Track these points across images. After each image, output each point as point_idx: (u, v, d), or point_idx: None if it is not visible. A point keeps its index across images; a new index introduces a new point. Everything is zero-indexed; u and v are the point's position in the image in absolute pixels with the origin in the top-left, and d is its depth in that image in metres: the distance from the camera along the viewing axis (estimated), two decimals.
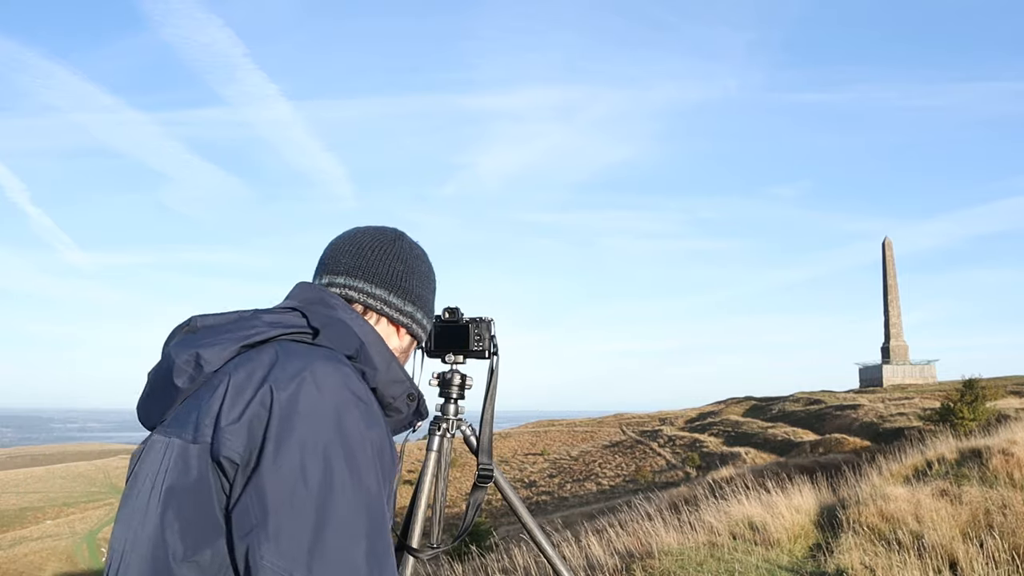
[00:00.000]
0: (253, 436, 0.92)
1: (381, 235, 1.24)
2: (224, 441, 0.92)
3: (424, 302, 1.27)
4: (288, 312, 1.09)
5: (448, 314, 1.82)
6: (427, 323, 1.29)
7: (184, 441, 0.96)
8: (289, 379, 0.95)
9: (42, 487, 74.25)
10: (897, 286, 71.28)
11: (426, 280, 1.27)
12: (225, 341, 1.02)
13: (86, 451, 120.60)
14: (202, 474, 0.93)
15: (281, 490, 0.88)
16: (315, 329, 1.06)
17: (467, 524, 1.80)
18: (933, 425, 25.83)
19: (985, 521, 5.90)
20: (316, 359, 0.99)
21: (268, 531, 0.87)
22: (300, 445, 0.90)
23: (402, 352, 1.26)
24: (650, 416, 71.97)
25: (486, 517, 23.90)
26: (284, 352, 1.00)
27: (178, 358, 1.01)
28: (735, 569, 5.03)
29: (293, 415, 0.92)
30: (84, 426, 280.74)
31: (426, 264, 1.28)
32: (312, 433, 0.91)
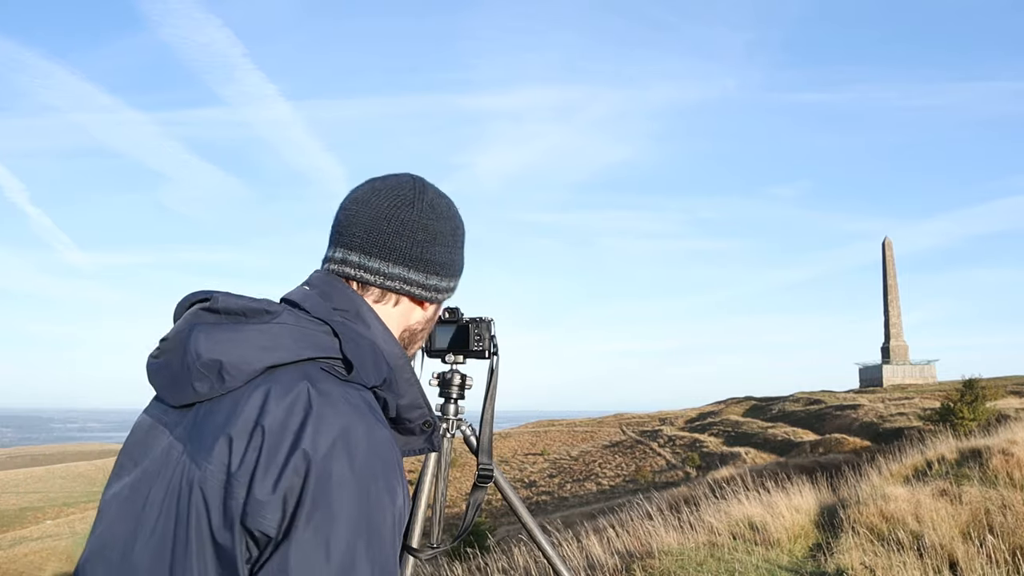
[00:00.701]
0: (286, 508, 0.88)
1: (398, 197, 1.10)
2: (258, 515, 0.88)
3: (450, 266, 1.16)
4: (319, 328, 1.00)
5: (448, 314, 1.82)
6: (454, 283, 1.19)
7: (202, 472, 0.91)
8: (327, 446, 0.90)
9: (42, 487, 74.25)
10: (897, 286, 71.32)
11: (451, 240, 1.15)
12: (251, 354, 0.94)
13: (86, 451, 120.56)
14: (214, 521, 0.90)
15: (304, 563, 0.87)
16: (348, 362, 0.98)
17: (467, 524, 1.80)
18: (933, 425, 25.82)
19: (985, 521, 5.90)
20: (352, 418, 0.93)
21: None
22: (328, 520, 0.88)
23: (427, 322, 1.18)
24: (650, 416, 71.99)
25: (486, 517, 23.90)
26: (318, 399, 0.93)
27: (198, 358, 0.95)
28: (735, 569, 5.03)
29: (327, 490, 0.88)
30: (84, 426, 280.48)
31: (450, 222, 1.15)
32: (341, 509, 0.89)
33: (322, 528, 0.87)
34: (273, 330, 0.97)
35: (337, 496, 0.88)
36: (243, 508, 0.88)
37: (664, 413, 72.33)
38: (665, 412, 73.12)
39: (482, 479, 1.81)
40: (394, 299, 1.12)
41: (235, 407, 0.92)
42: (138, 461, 1.00)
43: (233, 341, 0.95)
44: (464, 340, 1.81)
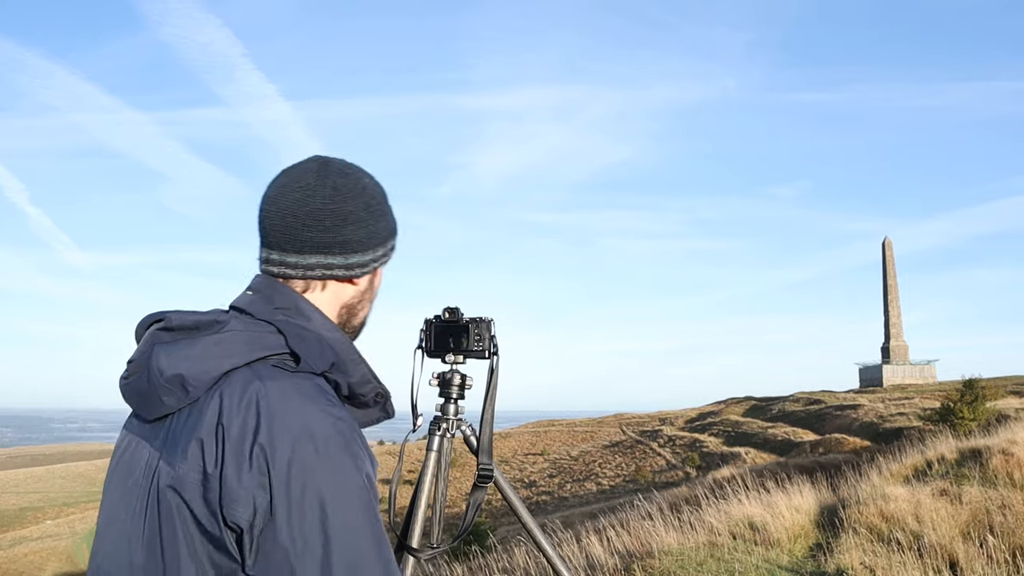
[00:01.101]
0: (257, 502, 0.95)
1: (301, 189, 1.15)
2: (232, 508, 0.95)
3: (368, 239, 1.19)
4: (265, 329, 1.07)
5: (448, 314, 1.82)
6: (381, 250, 1.22)
7: (177, 473, 0.99)
8: (283, 435, 0.97)
9: (42, 487, 74.25)
10: (897, 286, 71.32)
11: (364, 215, 1.18)
12: (208, 364, 1.02)
13: (86, 451, 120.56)
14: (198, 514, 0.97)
15: (285, 546, 0.94)
16: (295, 354, 1.05)
17: (467, 524, 1.80)
18: (933, 425, 25.85)
19: (985, 521, 5.90)
20: (304, 404, 1.00)
21: None
22: (301, 501, 0.95)
23: (363, 294, 1.23)
24: (650, 416, 71.99)
25: (486, 517, 23.91)
26: (270, 393, 1.00)
27: (161, 375, 1.03)
28: (735, 569, 5.03)
29: (292, 475, 0.95)
30: (84, 426, 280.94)
31: (359, 198, 1.18)
32: (309, 489, 0.95)
33: (295, 511, 0.94)
34: (225, 338, 1.05)
35: (303, 478, 0.95)
36: (219, 502, 0.96)
37: (664, 413, 72.34)
38: (665, 412, 73.12)
39: (482, 479, 1.81)
40: (321, 285, 1.18)
41: (200, 413, 1.01)
42: (125, 478, 1.08)
43: (190, 355, 1.03)
44: (464, 340, 1.81)
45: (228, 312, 1.13)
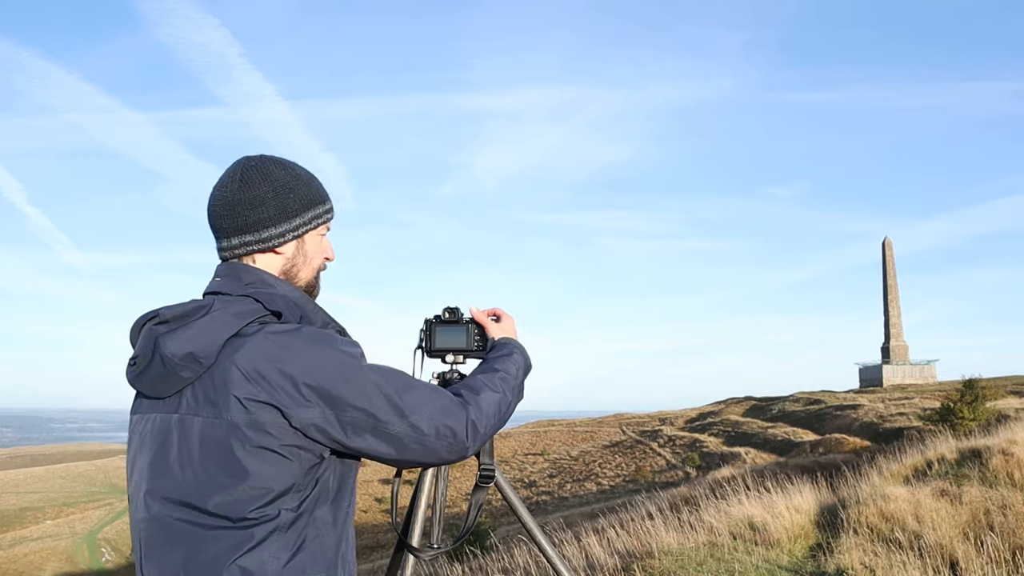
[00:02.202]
0: (316, 407, 1.28)
1: (222, 185, 1.46)
2: (299, 421, 1.28)
3: (279, 215, 1.45)
4: (244, 301, 1.36)
5: (448, 314, 1.81)
6: (297, 220, 1.47)
7: (222, 420, 1.27)
8: (299, 357, 1.28)
9: (42, 487, 74.25)
10: (897, 286, 71.33)
11: (272, 197, 1.45)
12: (211, 338, 1.29)
13: (86, 451, 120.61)
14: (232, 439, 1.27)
15: (359, 421, 1.31)
16: (275, 312, 1.35)
17: (469, 524, 1.80)
18: (933, 425, 25.84)
19: (985, 521, 5.90)
20: (298, 333, 1.31)
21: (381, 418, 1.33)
22: (340, 392, 1.28)
23: (292, 259, 1.48)
24: (650, 416, 71.99)
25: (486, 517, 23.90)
26: (273, 336, 1.30)
27: (175, 356, 1.29)
28: (735, 569, 5.04)
29: (324, 377, 1.28)
30: (84, 426, 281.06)
31: (265, 183, 1.45)
32: (338, 378, 1.29)
33: (341, 395, 1.28)
34: (215, 316, 1.32)
35: (330, 375, 1.28)
36: (285, 420, 1.27)
37: (664, 413, 72.34)
38: (665, 412, 73.13)
39: (484, 479, 1.81)
40: (251, 258, 1.46)
41: (225, 375, 1.28)
42: (152, 448, 1.34)
43: (192, 335, 1.30)
44: (464, 340, 1.81)
45: (206, 298, 1.40)
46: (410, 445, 1.33)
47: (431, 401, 1.36)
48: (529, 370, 1.66)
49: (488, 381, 1.50)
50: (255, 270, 1.45)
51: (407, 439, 1.33)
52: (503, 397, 1.49)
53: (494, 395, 1.47)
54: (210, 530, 1.25)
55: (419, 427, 1.33)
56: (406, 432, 1.32)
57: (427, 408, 1.34)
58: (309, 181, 1.52)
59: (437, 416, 1.35)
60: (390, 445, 1.33)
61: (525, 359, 1.65)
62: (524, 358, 1.65)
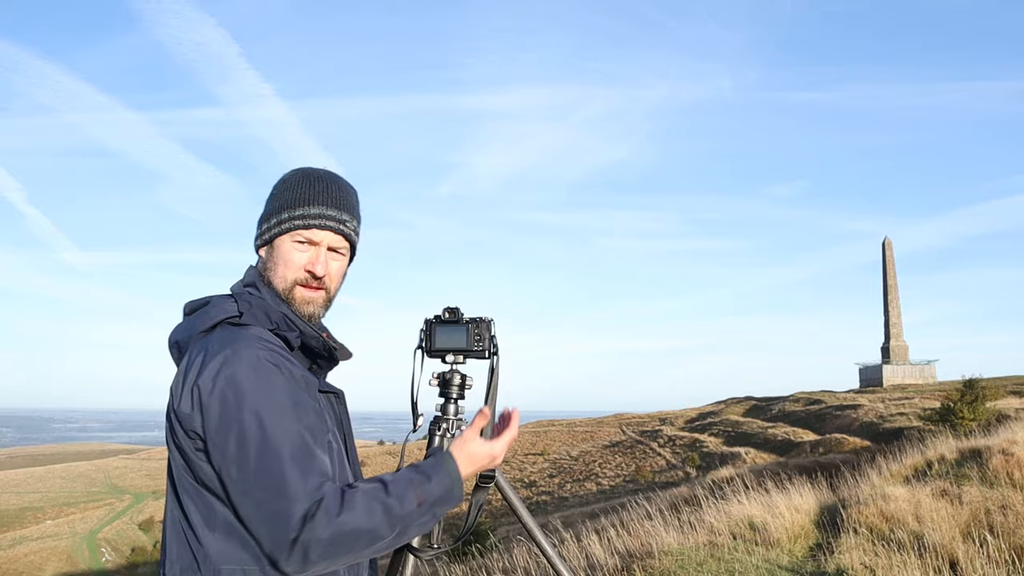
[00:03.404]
0: (202, 418, 1.33)
1: None
2: (189, 423, 1.34)
3: (262, 216, 1.58)
4: (228, 299, 1.48)
5: (448, 314, 1.81)
6: (266, 225, 1.56)
7: (169, 410, 1.39)
8: (213, 370, 1.33)
9: (42, 487, 74.21)
10: (897, 286, 71.25)
11: (268, 196, 1.59)
12: (188, 330, 1.46)
13: (86, 451, 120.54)
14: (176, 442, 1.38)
15: (225, 449, 1.30)
16: (240, 313, 1.44)
17: (469, 524, 1.80)
18: (933, 425, 25.82)
19: (985, 521, 5.90)
20: (234, 344, 1.36)
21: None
22: (229, 418, 1.30)
23: (264, 261, 1.57)
24: (650, 416, 71.93)
25: (486, 517, 23.89)
26: (214, 340, 1.40)
27: (170, 345, 1.50)
28: (735, 569, 5.03)
29: (220, 398, 1.31)
30: (84, 426, 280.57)
31: (273, 188, 1.60)
32: (233, 405, 1.30)
33: (223, 420, 1.29)
34: (202, 311, 1.47)
35: (227, 398, 1.30)
36: (179, 420, 1.34)
37: (664, 413, 72.28)
38: (665, 412, 73.06)
39: (484, 479, 1.80)
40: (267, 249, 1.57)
41: (182, 364, 1.42)
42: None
43: (183, 327, 1.50)
44: (464, 340, 1.80)
45: (219, 294, 1.53)
46: (237, 508, 1.29)
47: (281, 490, 1.23)
48: (448, 506, 1.39)
49: (368, 500, 1.26)
50: (253, 271, 1.57)
51: (236, 502, 1.29)
52: (369, 531, 1.25)
53: (361, 520, 1.24)
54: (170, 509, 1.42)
55: (251, 501, 1.26)
56: (237, 496, 1.29)
57: (272, 493, 1.24)
58: (299, 186, 1.54)
59: (275, 506, 1.23)
60: (227, 490, 1.31)
61: (446, 492, 1.38)
62: (445, 490, 1.37)
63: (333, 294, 1.58)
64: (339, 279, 1.59)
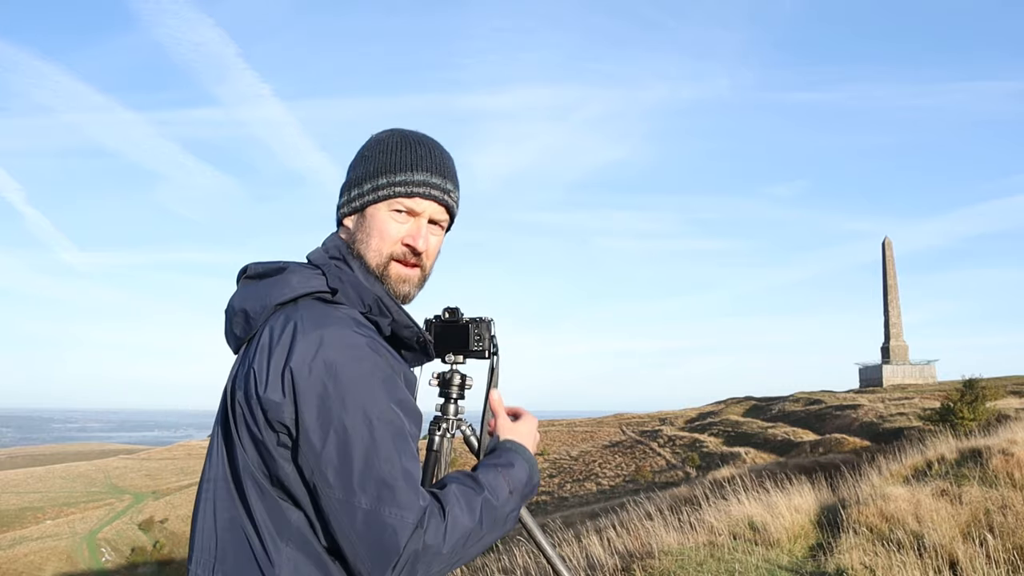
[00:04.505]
0: (293, 406, 1.15)
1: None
2: (277, 413, 1.15)
3: (351, 181, 1.39)
4: (314, 272, 1.29)
5: (448, 314, 1.81)
6: (357, 191, 1.38)
7: (241, 392, 1.20)
8: (309, 352, 1.15)
9: (42, 487, 74.20)
10: (897, 286, 71.27)
11: (355, 163, 1.40)
12: (263, 300, 1.25)
13: (86, 451, 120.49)
14: (254, 433, 1.19)
15: (313, 442, 1.13)
16: (333, 289, 1.26)
17: None
18: (933, 425, 25.79)
19: (985, 521, 5.90)
20: (330, 326, 1.18)
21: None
22: (326, 407, 1.13)
23: (353, 233, 1.37)
24: (650, 416, 71.93)
25: None
26: (306, 317, 1.20)
27: (233, 311, 1.30)
28: (735, 569, 5.04)
29: (314, 385, 1.14)
30: (84, 426, 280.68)
31: (361, 148, 1.41)
32: (330, 394, 1.14)
33: (322, 415, 1.13)
34: (279, 280, 1.27)
35: (327, 389, 1.13)
36: (262, 408, 1.15)
37: (664, 413, 72.28)
38: (665, 412, 73.06)
39: None
40: (341, 224, 1.41)
41: (258, 340, 1.22)
42: (219, 404, 1.31)
43: (252, 294, 1.28)
44: (464, 340, 1.80)
45: (296, 261, 1.34)
46: (333, 524, 1.11)
47: (392, 498, 1.08)
48: (531, 492, 1.30)
49: (465, 502, 1.16)
50: (340, 244, 1.36)
51: (330, 511, 1.11)
52: (476, 529, 1.15)
53: (465, 522, 1.14)
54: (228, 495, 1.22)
55: (352, 510, 1.09)
56: (332, 504, 1.10)
57: (381, 502, 1.08)
58: (399, 149, 1.35)
59: (384, 519, 1.07)
60: (316, 489, 1.13)
61: (529, 476, 1.30)
62: (528, 474, 1.30)
63: (428, 272, 1.41)
64: (436, 256, 1.42)
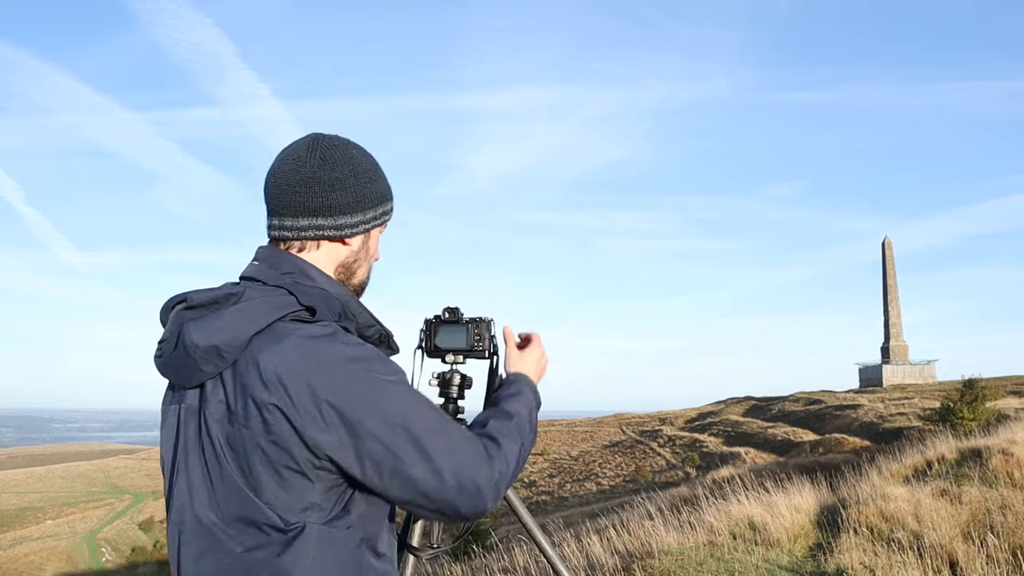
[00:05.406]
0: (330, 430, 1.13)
1: (295, 160, 1.31)
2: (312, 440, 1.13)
3: (357, 203, 1.34)
4: (277, 292, 1.24)
5: (448, 314, 1.81)
6: (371, 213, 1.37)
7: (238, 426, 1.16)
8: (325, 371, 1.14)
9: (42, 487, 74.23)
10: (897, 286, 71.31)
11: (352, 182, 1.33)
12: (237, 331, 1.18)
13: (86, 451, 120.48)
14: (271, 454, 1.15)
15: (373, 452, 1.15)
16: (310, 308, 1.22)
17: (469, 524, 1.80)
18: (933, 425, 25.80)
19: (985, 521, 5.90)
20: (328, 342, 1.18)
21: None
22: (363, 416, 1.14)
23: (356, 253, 1.37)
24: (650, 416, 71.97)
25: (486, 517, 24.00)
26: (300, 341, 1.17)
27: (197, 348, 1.18)
28: (735, 569, 5.04)
29: (347, 400, 1.14)
30: (84, 426, 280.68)
31: (346, 166, 1.33)
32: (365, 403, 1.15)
33: (364, 423, 1.14)
34: (246, 307, 1.20)
35: (357, 399, 1.14)
36: (306, 446, 1.13)
37: (664, 413, 72.31)
38: (665, 412, 73.09)
39: None
40: (315, 245, 1.34)
41: (245, 376, 1.17)
42: (175, 441, 1.26)
43: (218, 326, 1.19)
44: (464, 340, 1.80)
45: (240, 283, 1.28)
46: (429, 494, 1.18)
47: (460, 450, 1.20)
48: (539, 408, 1.49)
49: (505, 430, 1.33)
50: (296, 259, 1.32)
51: (427, 487, 1.18)
52: (521, 447, 1.34)
53: (514, 446, 1.31)
54: (237, 536, 1.17)
55: (441, 475, 1.18)
56: (425, 478, 1.17)
57: (454, 457, 1.19)
58: (383, 174, 1.41)
59: (463, 468, 1.19)
60: (405, 488, 1.18)
61: (535, 397, 1.49)
62: (534, 396, 1.49)
63: None
64: None
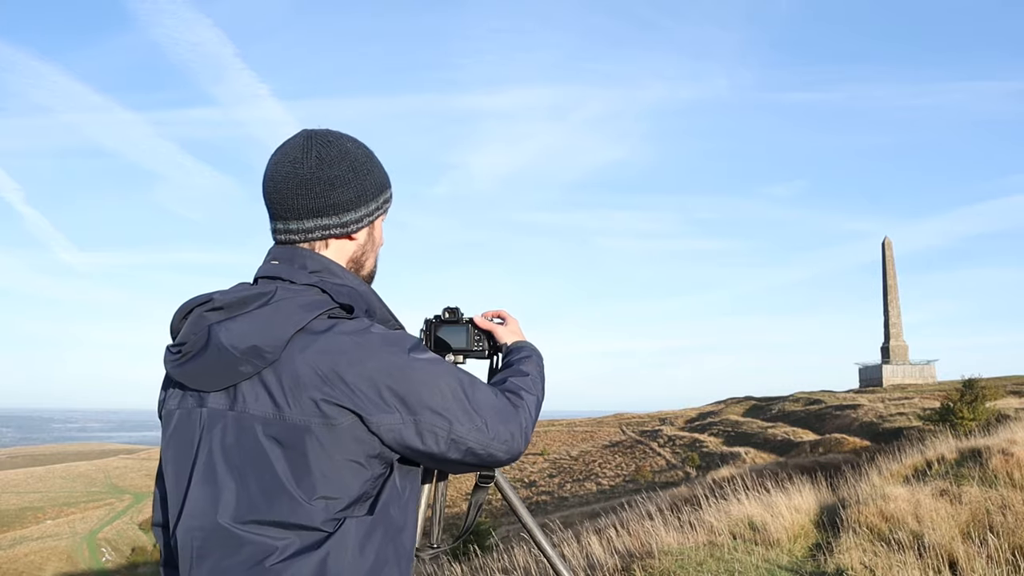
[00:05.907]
0: (391, 410, 1.18)
1: (290, 162, 1.30)
2: (377, 425, 1.17)
3: (358, 198, 1.34)
4: (310, 291, 1.24)
5: (448, 314, 1.81)
6: (374, 205, 1.37)
7: (290, 422, 1.15)
8: (378, 359, 1.18)
9: (42, 487, 74.23)
10: (897, 286, 71.32)
11: (351, 177, 1.33)
12: (278, 331, 1.17)
13: (86, 451, 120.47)
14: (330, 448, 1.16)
15: (432, 427, 1.21)
16: (345, 305, 1.24)
17: (469, 524, 1.79)
18: (933, 425, 25.80)
19: (985, 521, 5.90)
20: (373, 333, 1.21)
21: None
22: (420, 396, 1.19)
23: (363, 246, 1.38)
24: (650, 416, 71.97)
25: (486, 517, 23.92)
26: (347, 334, 1.19)
27: (235, 349, 1.16)
28: (735, 569, 5.04)
29: (406, 381, 1.18)
30: (84, 426, 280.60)
31: (342, 162, 1.32)
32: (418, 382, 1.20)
33: (420, 399, 1.19)
34: (282, 306, 1.20)
35: (409, 378, 1.18)
36: (364, 425, 1.16)
37: (664, 413, 72.32)
38: (665, 412, 73.11)
39: (484, 479, 1.80)
40: (323, 244, 1.34)
41: (295, 374, 1.16)
42: (204, 448, 1.20)
43: (258, 327, 1.17)
44: (464, 340, 1.80)
45: (263, 283, 1.27)
46: (475, 449, 1.25)
47: (493, 403, 1.29)
48: (542, 360, 1.63)
49: (523, 384, 1.43)
50: (320, 258, 1.32)
51: (474, 443, 1.25)
52: (538, 399, 1.45)
53: (532, 397, 1.41)
54: (272, 539, 1.14)
55: (484, 429, 1.25)
56: (474, 436, 1.24)
57: (492, 410, 1.28)
58: (379, 161, 1.41)
59: (499, 418, 1.28)
60: (459, 449, 1.24)
61: (541, 359, 1.62)
62: (540, 358, 1.62)
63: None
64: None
